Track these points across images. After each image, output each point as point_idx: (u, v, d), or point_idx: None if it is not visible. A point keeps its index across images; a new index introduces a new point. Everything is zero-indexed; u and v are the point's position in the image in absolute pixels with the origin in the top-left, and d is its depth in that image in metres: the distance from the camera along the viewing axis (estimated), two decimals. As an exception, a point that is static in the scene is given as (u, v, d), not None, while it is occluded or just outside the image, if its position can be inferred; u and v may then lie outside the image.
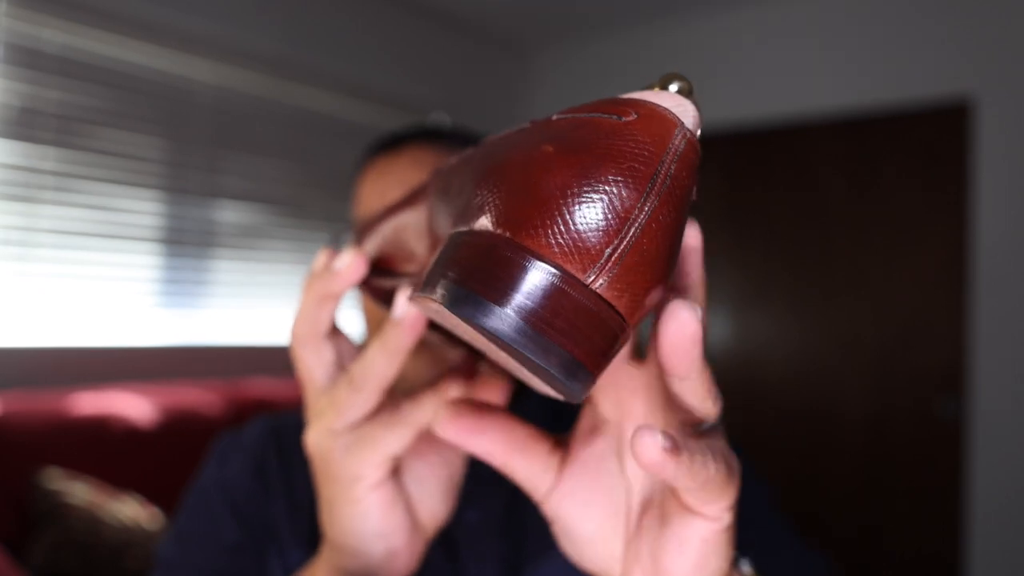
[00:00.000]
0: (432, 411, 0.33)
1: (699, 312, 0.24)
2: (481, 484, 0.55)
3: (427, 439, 0.36)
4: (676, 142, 0.22)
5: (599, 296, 0.21)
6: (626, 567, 0.31)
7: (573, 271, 0.21)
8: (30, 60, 1.92)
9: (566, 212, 0.21)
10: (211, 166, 2.31)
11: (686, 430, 0.28)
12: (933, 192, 2.41)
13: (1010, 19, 2.27)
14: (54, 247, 1.97)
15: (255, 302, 2.44)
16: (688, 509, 0.28)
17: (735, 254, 2.80)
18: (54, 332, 1.98)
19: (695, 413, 0.27)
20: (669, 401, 0.28)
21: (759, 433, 2.72)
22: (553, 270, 0.21)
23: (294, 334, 0.34)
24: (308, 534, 0.54)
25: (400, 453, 0.33)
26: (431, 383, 0.34)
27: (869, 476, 2.49)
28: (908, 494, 2.42)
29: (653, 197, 0.21)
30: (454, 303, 0.22)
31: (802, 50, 2.64)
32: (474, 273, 0.22)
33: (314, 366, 0.34)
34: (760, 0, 2.70)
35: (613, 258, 0.21)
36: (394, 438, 0.32)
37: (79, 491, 1.65)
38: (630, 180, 0.21)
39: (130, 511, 1.68)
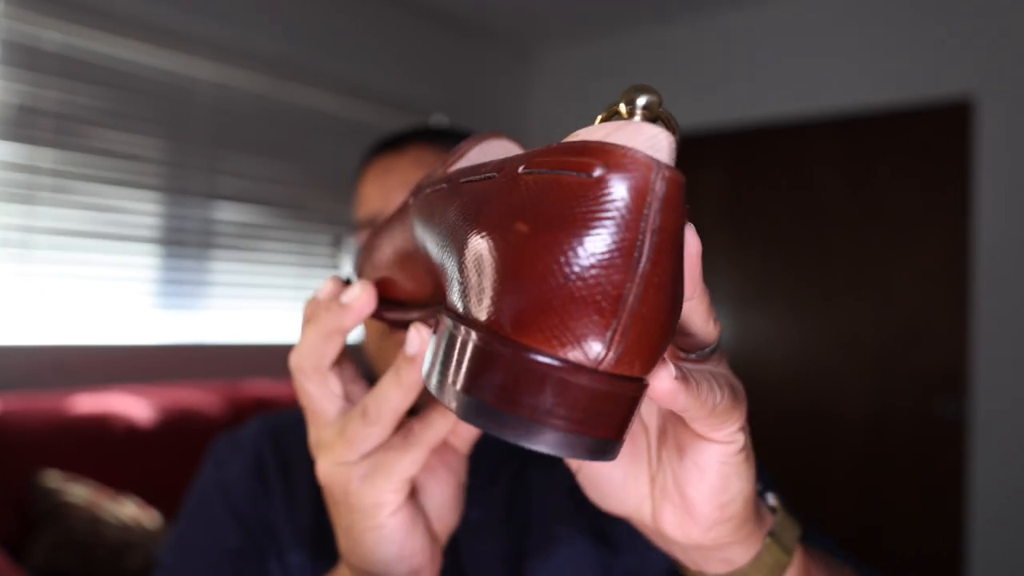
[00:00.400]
0: (443, 429, 0.33)
1: (694, 234, 0.24)
2: (482, 482, 0.55)
3: (434, 452, 0.36)
4: (656, 189, 0.20)
5: (610, 376, 0.21)
6: (656, 505, 0.31)
7: (578, 361, 0.20)
8: (29, 60, 1.92)
9: (557, 305, 0.20)
10: (211, 166, 2.31)
11: (690, 357, 0.29)
12: (933, 192, 2.41)
13: (1010, 19, 2.27)
14: (54, 247, 1.97)
15: (255, 302, 2.43)
16: (701, 436, 0.29)
17: (735, 254, 2.79)
18: (54, 332, 1.98)
19: (698, 336, 0.28)
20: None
21: (759, 433, 2.72)
22: (557, 364, 0.20)
23: (298, 367, 0.33)
24: (308, 534, 0.54)
25: (416, 474, 0.33)
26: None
27: (869, 476, 2.49)
28: (908, 494, 2.42)
29: (643, 262, 0.20)
30: (470, 416, 0.22)
31: (802, 50, 2.64)
32: (479, 381, 0.21)
33: (320, 398, 0.33)
34: (760, 0, 2.70)
35: (615, 339, 0.20)
36: (409, 461, 0.32)
37: (79, 491, 1.65)
38: (615, 255, 0.20)
39: (130, 511, 1.68)
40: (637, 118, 0.22)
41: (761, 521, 0.32)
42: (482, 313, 0.22)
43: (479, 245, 0.22)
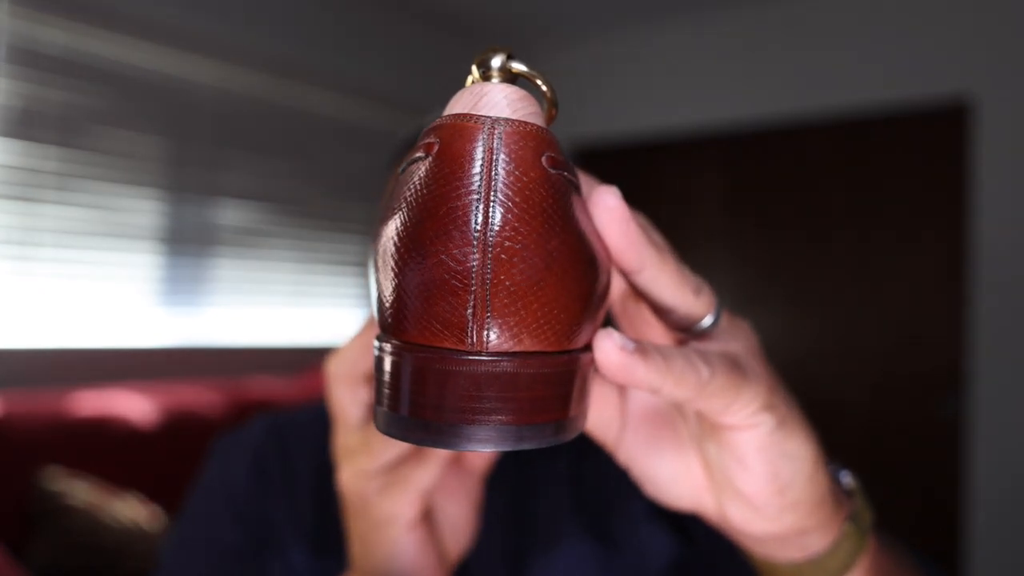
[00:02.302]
0: None
1: (619, 194, 0.22)
2: (486, 481, 0.55)
3: (450, 472, 0.36)
4: (487, 145, 0.18)
5: (497, 355, 0.19)
6: (718, 498, 0.30)
7: (454, 347, 0.19)
8: (32, 60, 1.92)
9: (419, 294, 0.19)
10: (212, 166, 2.31)
11: (689, 334, 0.27)
12: (932, 192, 2.41)
13: (1010, 19, 2.27)
14: (55, 247, 1.97)
15: (256, 302, 2.44)
16: (720, 426, 0.27)
17: (735, 254, 2.80)
18: (54, 332, 1.98)
19: (678, 311, 0.26)
20: (659, 308, 0.27)
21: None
22: (433, 355, 0.19)
23: (332, 372, 0.34)
24: (310, 533, 0.54)
25: (431, 487, 0.33)
26: None
27: (869, 476, 2.49)
28: (907, 494, 2.42)
29: (488, 229, 0.18)
30: (386, 429, 0.21)
31: (802, 50, 2.64)
32: (381, 389, 0.20)
33: (348, 404, 0.34)
34: (760, 1, 2.70)
35: (478, 316, 0.18)
36: (424, 473, 0.32)
37: (79, 491, 1.65)
38: (452, 228, 0.18)
39: (130, 511, 1.68)
40: (495, 79, 0.20)
41: (839, 504, 0.30)
42: (378, 320, 0.21)
43: (377, 252, 0.21)
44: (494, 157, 0.18)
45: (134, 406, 1.89)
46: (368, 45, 2.71)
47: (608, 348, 0.22)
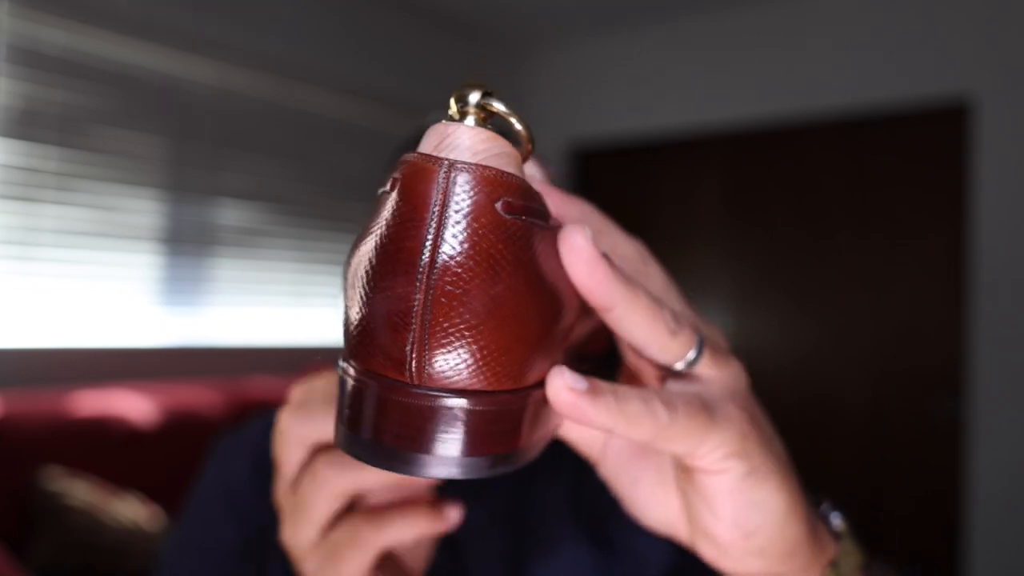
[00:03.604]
0: (399, 534, 0.32)
1: (587, 233, 0.22)
2: (484, 483, 0.55)
3: (404, 490, 0.35)
4: (441, 189, 0.19)
5: (430, 390, 0.20)
6: (691, 530, 0.30)
7: (396, 377, 0.20)
8: (32, 60, 1.92)
9: (368, 324, 0.20)
10: (212, 166, 2.31)
11: (669, 373, 0.27)
12: (933, 192, 2.41)
13: (1010, 19, 2.27)
14: (55, 247, 1.97)
15: (256, 302, 2.44)
16: (689, 467, 0.27)
17: (735, 254, 2.80)
18: (54, 332, 1.98)
19: (651, 350, 0.26)
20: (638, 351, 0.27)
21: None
22: (376, 383, 0.20)
23: (281, 429, 0.33)
24: None
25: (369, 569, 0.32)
26: (399, 495, 0.34)
27: (867, 475, 2.49)
28: (906, 493, 2.42)
29: (431, 271, 0.19)
30: (342, 445, 0.22)
31: (801, 50, 2.64)
32: (346, 411, 0.21)
33: (287, 462, 0.33)
34: (760, 1, 2.70)
35: (416, 353, 0.19)
36: (356, 561, 0.32)
37: (79, 491, 1.65)
38: (399, 266, 0.19)
39: (130, 511, 1.68)
40: (470, 119, 0.21)
41: (821, 549, 0.30)
42: (343, 340, 0.22)
43: (344, 269, 0.22)
44: (446, 201, 0.19)
45: (134, 406, 1.89)
46: (368, 45, 2.71)
47: (558, 387, 0.22)
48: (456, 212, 0.19)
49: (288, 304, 2.52)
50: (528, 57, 3.35)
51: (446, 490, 0.52)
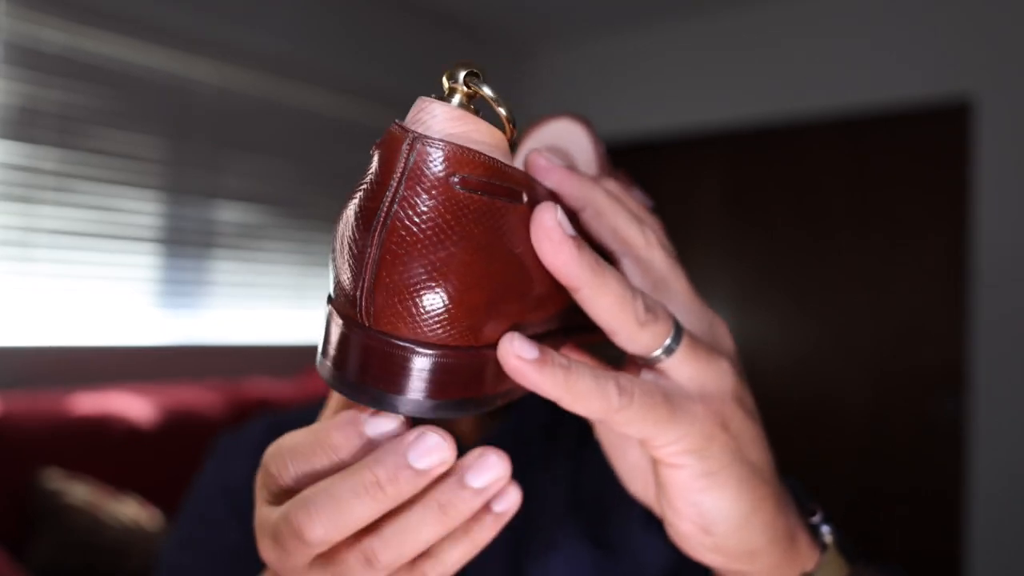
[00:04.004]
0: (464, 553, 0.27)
1: (557, 214, 0.23)
2: None
3: None
4: (403, 159, 0.21)
5: (379, 333, 0.22)
6: (659, 509, 0.30)
7: (351, 316, 0.22)
8: (30, 60, 1.92)
9: (335, 268, 0.23)
10: (211, 166, 2.31)
11: (646, 362, 0.27)
12: (933, 192, 2.41)
13: (1010, 19, 2.27)
14: (54, 247, 1.97)
15: (255, 302, 2.43)
16: (654, 456, 0.28)
17: (735, 254, 2.80)
18: (54, 332, 1.98)
19: (619, 338, 0.26)
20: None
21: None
22: (339, 319, 0.23)
23: (291, 447, 0.27)
24: None
25: None
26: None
27: (868, 475, 2.49)
28: (907, 493, 2.42)
29: (383, 229, 0.21)
30: (320, 371, 0.24)
31: (802, 50, 2.64)
32: (323, 343, 0.24)
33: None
34: (760, 1, 2.70)
35: (364, 298, 0.22)
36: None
37: (79, 491, 1.65)
38: (360, 221, 0.22)
39: (130, 511, 1.68)
40: (456, 96, 0.22)
41: (795, 557, 0.30)
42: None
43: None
44: (405, 170, 0.21)
45: (133, 406, 1.89)
46: (368, 45, 2.71)
47: (506, 351, 0.23)
48: (412, 181, 0.21)
49: (287, 304, 2.52)
50: (529, 57, 3.35)
51: None
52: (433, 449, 0.22)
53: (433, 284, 0.21)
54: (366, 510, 0.22)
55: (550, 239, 0.23)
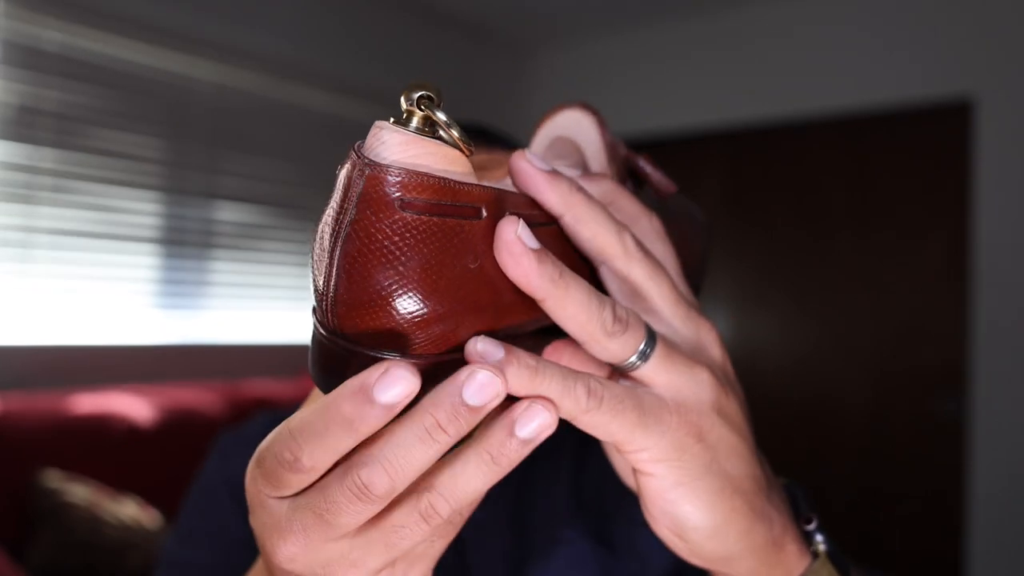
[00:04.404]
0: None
1: (517, 227, 0.24)
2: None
3: None
4: (353, 183, 0.23)
5: (341, 335, 0.24)
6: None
7: (324, 322, 0.24)
8: (29, 60, 1.92)
9: (314, 283, 0.25)
10: (210, 166, 2.30)
11: (622, 369, 0.27)
12: (933, 191, 2.41)
13: (1010, 19, 2.27)
14: (53, 247, 1.97)
15: (254, 302, 2.43)
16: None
17: (735, 254, 2.80)
18: (54, 332, 1.97)
19: (586, 346, 0.26)
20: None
21: (759, 433, 2.72)
22: (315, 323, 0.25)
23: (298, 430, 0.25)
24: None
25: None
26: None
27: (869, 475, 2.49)
28: (907, 493, 2.42)
29: (334, 251, 0.23)
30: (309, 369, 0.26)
31: (802, 50, 2.64)
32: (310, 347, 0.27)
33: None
34: (760, 1, 2.70)
35: (327, 307, 0.23)
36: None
37: (79, 491, 1.64)
38: (323, 240, 0.23)
39: (130, 511, 1.68)
40: (415, 119, 0.24)
41: (778, 564, 0.30)
42: None
43: None
44: (357, 196, 0.23)
45: (133, 406, 1.89)
46: (368, 45, 2.71)
47: (469, 353, 0.24)
48: (363, 205, 0.22)
49: (287, 304, 2.52)
50: (529, 57, 3.35)
51: None
52: (487, 385, 0.23)
53: (381, 302, 0.23)
54: (430, 452, 0.23)
55: (510, 253, 0.24)
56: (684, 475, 0.28)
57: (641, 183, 0.37)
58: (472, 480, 0.24)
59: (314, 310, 0.25)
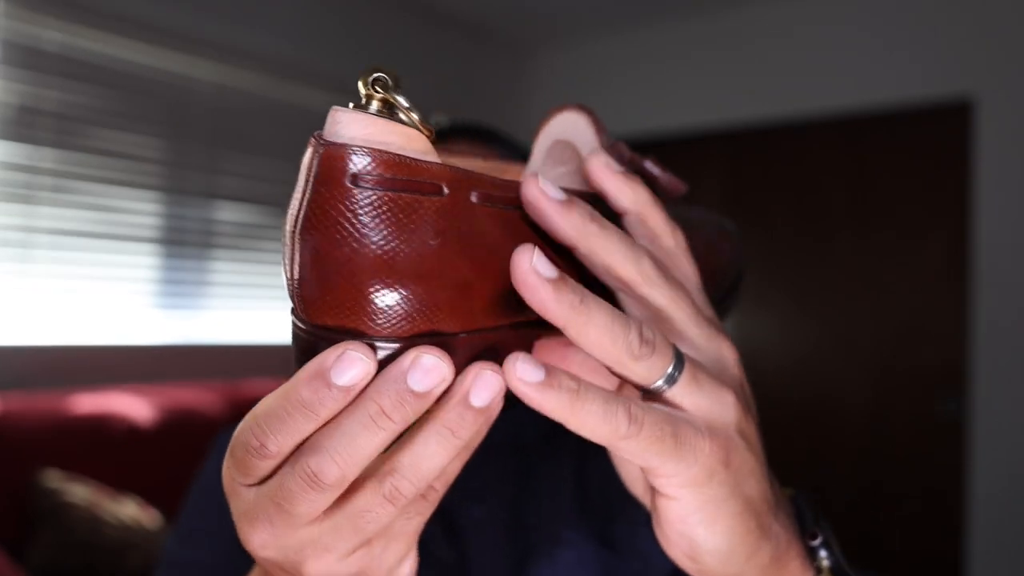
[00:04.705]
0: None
1: (532, 255, 0.23)
2: (488, 482, 0.54)
3: None
4: (310, 163, 0.23)
5: (314, 325, 0.23)
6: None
7: (295, 308, 0.24)
8: (29, 60, 1.92)
9: (284, 269, 0.25)
10: (210, 166, 2.30)
11: (650, 392, 0.27)
12: (933, 191, 2.41)
13: (1010, 19, 2.27)
14: (53, 247, 1.97)
15: (254, 302, 2.43)
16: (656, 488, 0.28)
17: (735, 254, 2.79)
18: (54, 332, 1.97)
19: (614, 370, 0.26)
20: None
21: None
22: (291, 315, 0.25)
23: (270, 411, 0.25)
24: None
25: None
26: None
27: (869, 475, 2.49)
28: (908, 493, 2.42)
29: (295, 233, 0.23)
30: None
31: (802, 50, 2.64)
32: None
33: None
34: (760, 0, 2.70)
35: (295, 292, 0.23)
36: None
37: (79, 491, 1.64)
38: (288, 224, 0.23)
39: (130, 511, 1.68)
40: (374, 102, 0.24)
41: None
42: None
43: None
44: (310, 176, 0.23)
45: (133, 406, 1.89)
46: (368, 45, 2.71)
47: (507, 372, 0.23)
48: (318, 184, 0.22)
49: (286, 304, 2.52)
50: (529, 57, 3.35)
51: (448, 490, 0.52)
52: (432, 370, 0.22)
53: (339, 280, 0.22)
54: (376, 440, 0.23)
55: (525, 284, 0.24)
56: (708, 501, 0.27)
57: (649, 185, 0.37)
58: (434, 457, 0.23)
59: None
